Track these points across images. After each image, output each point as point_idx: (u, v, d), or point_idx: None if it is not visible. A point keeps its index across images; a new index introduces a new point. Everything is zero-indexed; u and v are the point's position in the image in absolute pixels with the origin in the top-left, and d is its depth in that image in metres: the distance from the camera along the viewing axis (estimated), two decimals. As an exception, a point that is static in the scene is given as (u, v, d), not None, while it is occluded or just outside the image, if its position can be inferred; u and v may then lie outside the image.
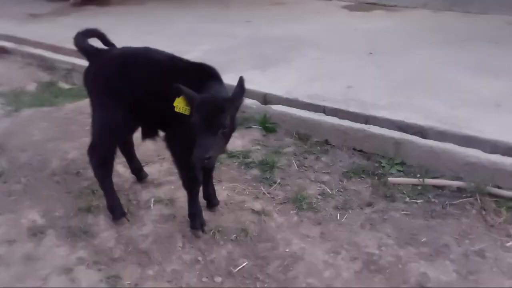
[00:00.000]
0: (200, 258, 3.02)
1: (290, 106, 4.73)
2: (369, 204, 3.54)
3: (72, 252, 3.07)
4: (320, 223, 3.35)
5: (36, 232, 3.24)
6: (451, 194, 3.55)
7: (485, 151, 3.70)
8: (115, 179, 3.82)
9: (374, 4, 9.34)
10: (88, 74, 3.19)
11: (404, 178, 3.76)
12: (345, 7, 9.40)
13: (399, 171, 3.89)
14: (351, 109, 4.54)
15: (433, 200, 3.52)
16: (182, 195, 3.46)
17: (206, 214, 3.38)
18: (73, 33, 3.29)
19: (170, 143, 3.05)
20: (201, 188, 3.31)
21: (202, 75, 2.91)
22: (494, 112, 4.28)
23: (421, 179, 3.69)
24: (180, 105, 2.70)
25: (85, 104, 4.39)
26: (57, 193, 3.71)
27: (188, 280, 2.87)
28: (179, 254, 3.06)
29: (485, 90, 4.76)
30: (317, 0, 10.01)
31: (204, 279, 2.88)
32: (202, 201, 3.40)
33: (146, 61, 3.05)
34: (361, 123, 4.32)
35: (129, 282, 2.83)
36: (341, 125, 4.28)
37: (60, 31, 7.76)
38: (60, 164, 4.10)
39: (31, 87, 6.23)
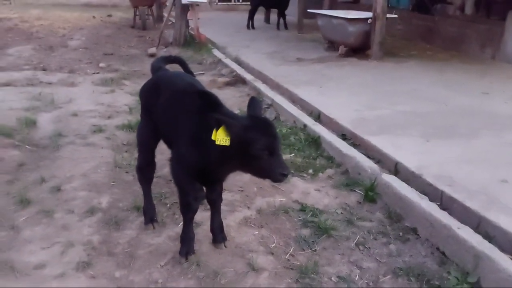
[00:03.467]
0: (160, 281, 2.99)
1: (412, 183, 4.00)
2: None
3: (91, 234, 3.50)
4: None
5: (89, 211, 3.80)
6: None
7: None
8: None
9: None
10: (141, 89, 3.60)
11: (453, 302, 2.77)
12: None
13: (464, 293, 2.88)
14: (468, 203, 3.56)
15: None
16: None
17: (206, 246, 3.31)
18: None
19: (172, 164, 3.13)
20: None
21: (207, 101, 2.96)
22: None
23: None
24: (220, 136, 2.62)
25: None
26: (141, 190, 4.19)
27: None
28: (152, 271, 3.10)
29: None
30: None
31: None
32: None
33: (169, 85, 3.30)
34: (471, 224, 3.34)
35: (92, 273, 3.06)
36: (431, 215, 3.41)
37: (298, 73, 8.42)
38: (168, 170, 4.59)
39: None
